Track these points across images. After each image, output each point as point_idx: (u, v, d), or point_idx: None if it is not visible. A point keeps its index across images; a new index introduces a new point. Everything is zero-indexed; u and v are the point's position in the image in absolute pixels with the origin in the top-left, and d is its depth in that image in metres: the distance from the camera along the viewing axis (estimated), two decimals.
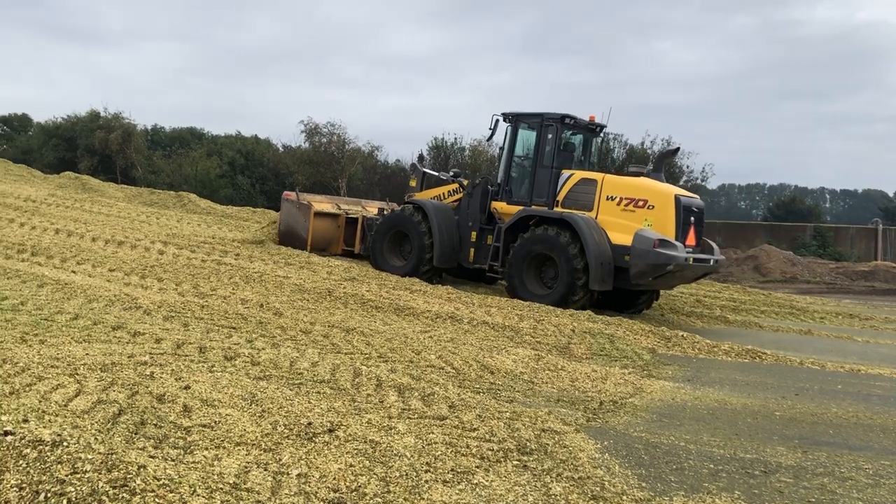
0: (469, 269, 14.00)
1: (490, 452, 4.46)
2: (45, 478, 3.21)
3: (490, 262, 13.28)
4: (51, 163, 41.52)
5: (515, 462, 4.38)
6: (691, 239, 12.28)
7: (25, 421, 3.83)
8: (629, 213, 12.14)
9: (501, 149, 14.13)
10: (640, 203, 12.09)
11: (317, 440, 4.35)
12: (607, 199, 12.37)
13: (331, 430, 4.51)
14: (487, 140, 14.52)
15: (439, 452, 4.37)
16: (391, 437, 4.52)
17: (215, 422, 4.45)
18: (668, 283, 12.64)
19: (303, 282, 11.10)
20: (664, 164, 14.07)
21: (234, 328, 7.74)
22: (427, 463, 4.18)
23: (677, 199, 12.04)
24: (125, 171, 42.26)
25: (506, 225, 13.15)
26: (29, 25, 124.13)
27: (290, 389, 5.43)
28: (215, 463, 3.81)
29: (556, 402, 6.19)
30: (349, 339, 7.82)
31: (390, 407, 5.30)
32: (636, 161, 28.66)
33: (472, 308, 10.60)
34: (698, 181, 35.08)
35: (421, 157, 17.81)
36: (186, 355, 6.19)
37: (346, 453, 4.18)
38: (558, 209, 12.74)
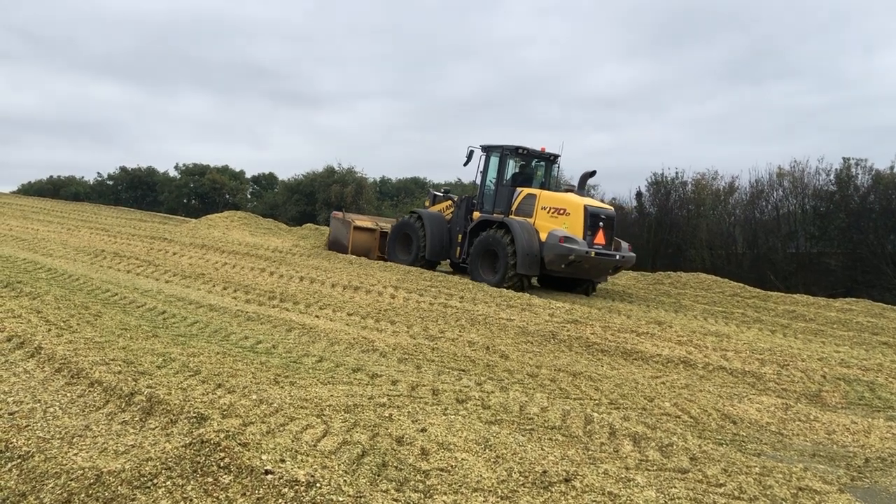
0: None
1: None
2: None
3: (463, 256, 17.65)
4: (294, 216, 45.53)
5: None
6: (600, 238, 16.13)
7: (282, 461, 4.09)
8: (554, 219, 16.29)
9: (482, 173, 18.08)
10: (562, 211, 16.31)
11: (553, 489, 4.24)
12: (542, 208, 16.57)
13: (567, 480, 4.37)
14: (464, 165, 18.13)
15: None
16: (630, 490, 4.30)
17: (452, 466, 4.49)
18: (580, 270, 16.15)
19: (526, 324, 11.11)
20: (585, 183, 19.13)
21: (463, 370, 7.88)
22: None
23: (586, 208, 16.08)
24: None
25: (469, 228, 17.61)
26: (266, 95, 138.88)
27: (523, 435, 5.38)
28: None
29: (811, 456, 5.60)
30: (577, 383, 7.66)
31: (626, 457, 5.06)
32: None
33: (705, 352, 10.00)
34: None
35: (438, 189, 22.05)
36: (421, 397, 6.37)
37: None
38: (510, 216, 16.76)
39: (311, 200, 46.85)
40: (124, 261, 16.27)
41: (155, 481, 3.92)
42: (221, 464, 4.01)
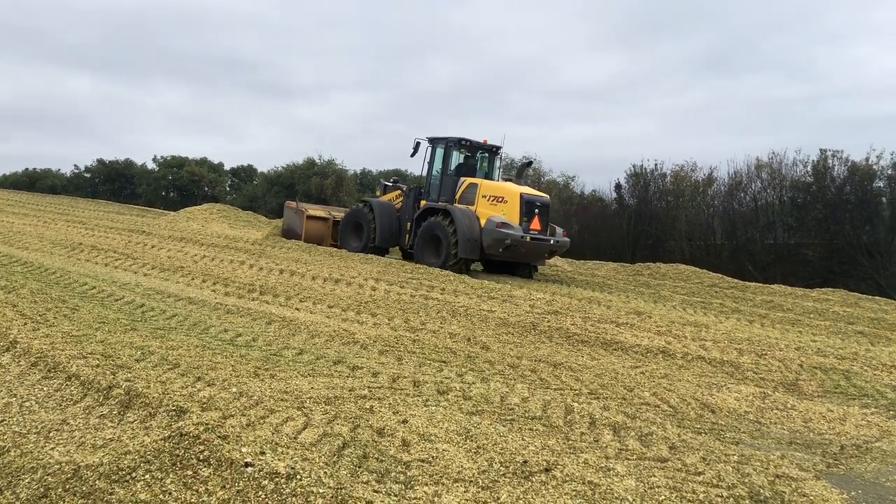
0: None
1: (719, 499, 4.14)
2: None
3: (411, 242, 18.40)
4: (273, 208, 45.29)
5: None
6: (535, 224, 17.08)
7: (262, 453, 4.07)
8: (494, 206, 17.20)
9: (429, 163, 18.91)
10: (500, 199, 17.26)
11: (534, 479, 4.25)
12: (483, 197, 17.51)
13: (547, 470, 4.39)
14: (411, 156, 18.79)
15: (663, 497, 4.12)
16: (610, 479, 4.33)
17: (433, 457, 4.50)
18: (517, 254, 17.10)
19: (507, 315, 11.14)
20: (523, 172, 20.93)
21: (444, 362, 7.88)
22: None
23: (522, 195, 17.01)
24: None
25: (415, 215, 18.44)
26: (243, 87, 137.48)
27: (503, 426, 5.39)
28: (436, 500, 3.84)
29: (788, 444, 5.66)
30: (557, 374, 7.69)
31: (606, 446, 5.10)
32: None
33: (684, 342, 10.08)
34: None
35: (388, 179, 22.83)
36: (402, 389, 6.36)
37: (565, 494, 4.05)
38: (454, 204, 17.61)
39: (291, 192, 46.62)
40: (102, 254, 16.10)
41: (133, 475, 3.89)
42: (201, 457, 3.99)
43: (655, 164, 37.85)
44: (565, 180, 41.56)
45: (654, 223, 36.45)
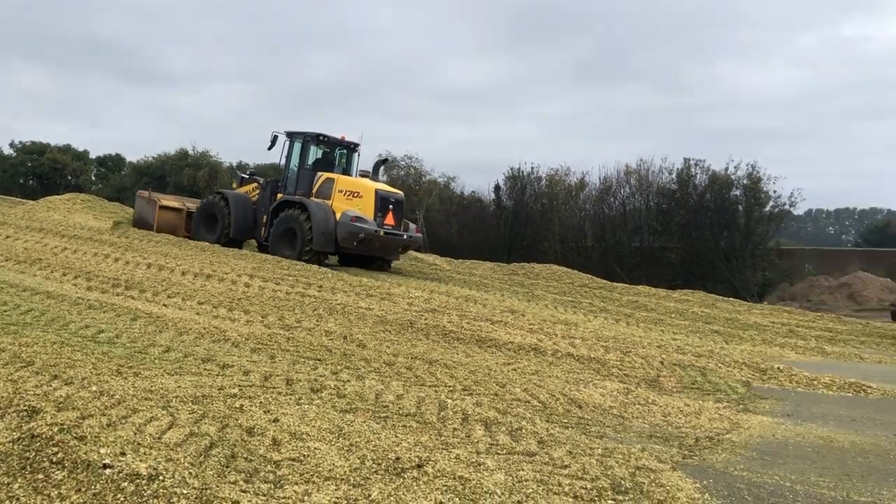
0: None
1: (584, 491, 4.29)
2: None
3: (267, 235, 18.47)
4: None
5: (610, 501, 4.19)
6: (389, 219, 17.84)
7: (123, 454, 3.89)
8: (350, 201, 17.66)
9: (286, 157, 19.14)
10: (356, 194, 17.77)
11: (405, 476, 4.27)
12: (339, 191, 17.86)
13: (419, 466, 4.42)
14: (268, 149, 19.12)
15: (531, 490, 4.23)
16: (480, 474, 4.41)
17: (304, 455, 4.43)
18: (371, 248, 17.66)
19: (384, 313, 11.13)
20: (378, 169, 20.49)
21: (319, 360, 7.79)
22: (518, 501, 4.04)
23: (377, 191, 17.79)
24: None
25: (270, 208, 18.58)
26: (108, 71, 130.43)
27: (377, 423, 5.38)
28: (305, 498, 3.78)
29: (648, 437, 5.95)
30: (432, 371, 7.76)
31: (478, 442, 5.18)
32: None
33: (555, 339, 10.40)
34: (786, 206, 33.67)
35: (245, 171, 23.18)
36: (274, 387, 6.24)
37: (436, 489, 4.09)
38: (311, 198, 17.92)
39: (162, 184, 44.73)
40: None
41: None
42: (54, 459, 3.76)
43: (532, 168, 38.87)
44: (446, 181, 42.02)
45: (529, 225, 37.39)
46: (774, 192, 33.41)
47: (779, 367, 9.55)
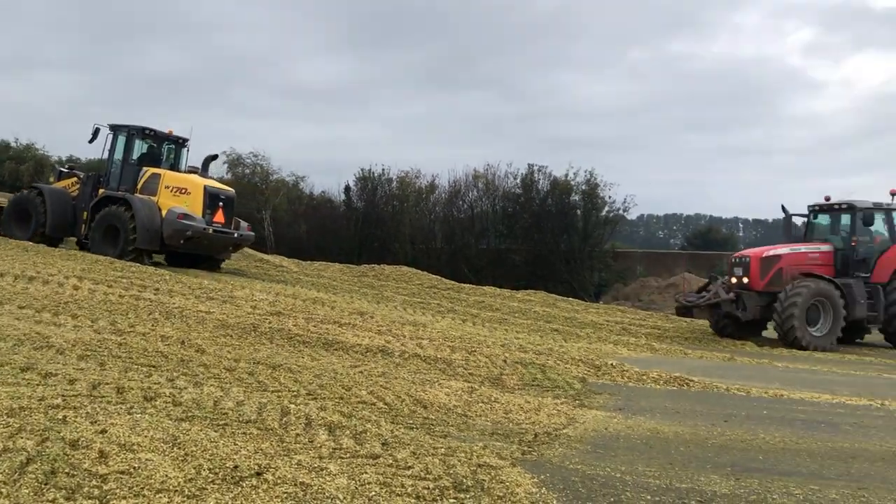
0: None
1: (426, 491, 4.33)
2: None
3: (86, 231, 17.71)
4: None
5: (452, 500, 4.25)
6: (219, 217, 17.56)
7: None
8: (177, 198, 17.17)
9: (109, 151, 18.49)
10: (184, 191, 17.32)
11: (244, 484, 4.13)
12: (166, 188, 17.38)
13: (258, 474, 4.29)
14: (89, 142, 18.37)
15: (373, 493, 4.21)
16: (322, 479, 4.34)
17: (134, 468, 4.18)
18: (200, 246, 17.30)
19: (226, 317, 10.75)
20: (207, 166, 19.72)
21: (153, 367, 7.38)
22: None
23: (205, 188, 17.44)
24: None
25: (91, 204, 17.73)
26: None
27: (215, 431, 5.17)
28: None
29: (490, 435, 6.09)
30: (276, 376, 7.57)
31: (321, 447, 5.10)
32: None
33: (403, 340, 10.45)
34: (620, 211, 35.83)
35: (72, 166, 22.37)
36: (103, 396, 5.85)
37: (276, 497, 3.99)
38: (136, 194, 17.32)
39: None
40: None
41: None
42: None
43: (383, 169, 38.96)
44: (295, 180, 41.25)
45: (380, 226, 37.46)
46: (610, 197, 35.53)
47: (612, 364, 10.09)
